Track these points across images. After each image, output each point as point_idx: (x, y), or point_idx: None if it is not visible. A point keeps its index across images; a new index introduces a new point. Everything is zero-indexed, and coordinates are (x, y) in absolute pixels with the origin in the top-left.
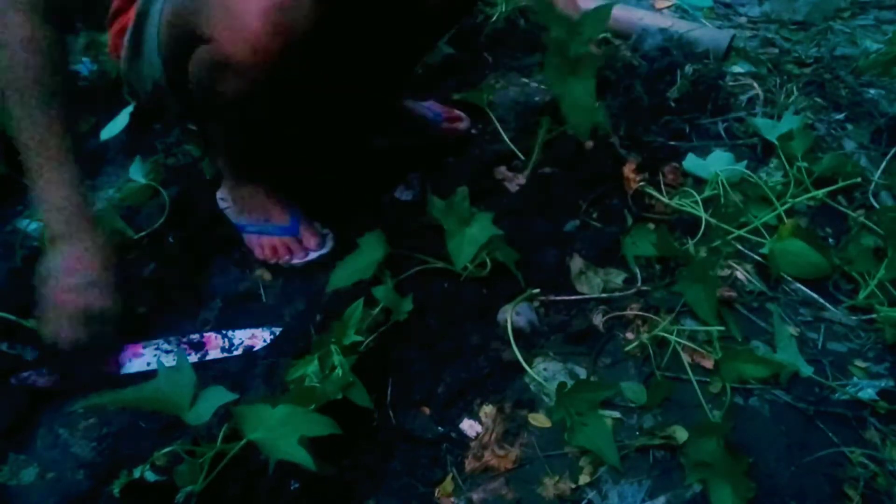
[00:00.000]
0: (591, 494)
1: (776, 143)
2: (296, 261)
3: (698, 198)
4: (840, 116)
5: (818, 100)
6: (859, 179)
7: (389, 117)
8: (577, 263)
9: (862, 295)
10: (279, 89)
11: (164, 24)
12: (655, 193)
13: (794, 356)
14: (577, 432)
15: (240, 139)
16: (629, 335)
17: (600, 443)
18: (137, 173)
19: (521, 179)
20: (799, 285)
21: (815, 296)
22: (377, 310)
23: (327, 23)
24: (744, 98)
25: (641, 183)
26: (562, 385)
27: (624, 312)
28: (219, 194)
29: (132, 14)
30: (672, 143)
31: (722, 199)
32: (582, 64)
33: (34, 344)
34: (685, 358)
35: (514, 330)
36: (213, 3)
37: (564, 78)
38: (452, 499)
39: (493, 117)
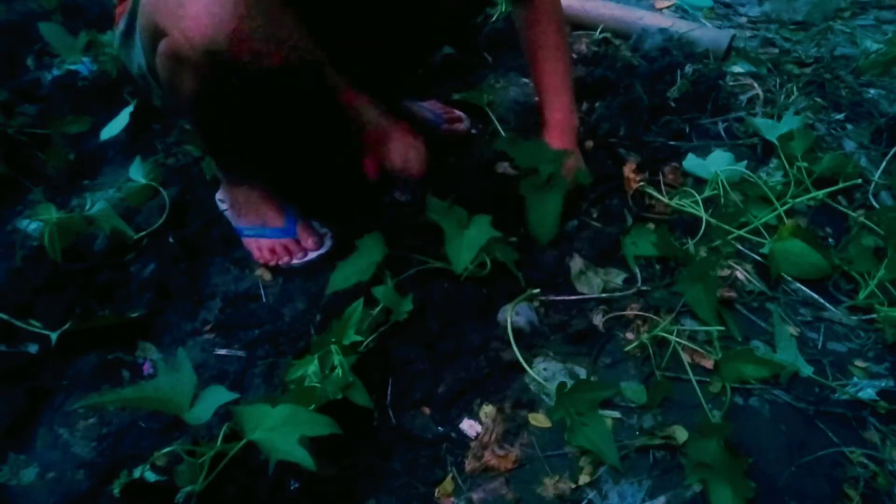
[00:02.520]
0: (591, 494)
1: (776, 143)
2: (295, 262)
3: (698, 198)
4: (840, 116)
5: (818, 100)
6: (859, 179)
7: None
8: (577, 263)
9: (862, 295)
10: (250, 85)
11: (140, 13)
12: (655, 193)
13: (794, 356)
14: (577, 432)
15: (214, 136)
16: (629, 335)
17: (600, 443)
18: (137, 173)
19: None
20: (799, 285)
21: (815, 296)
22: (377, 310)
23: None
24: (744, 98)
25: (641, 183)
26: (562, 385)
27: (624, 312)
28: (218, 195)
29: None
30: (672, 143)
31: (722, 199)
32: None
33: (34, 342)
34: (685, 358)
35: (514, 330)
36: None
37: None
38: (452, 499)
39: (493, 117)
